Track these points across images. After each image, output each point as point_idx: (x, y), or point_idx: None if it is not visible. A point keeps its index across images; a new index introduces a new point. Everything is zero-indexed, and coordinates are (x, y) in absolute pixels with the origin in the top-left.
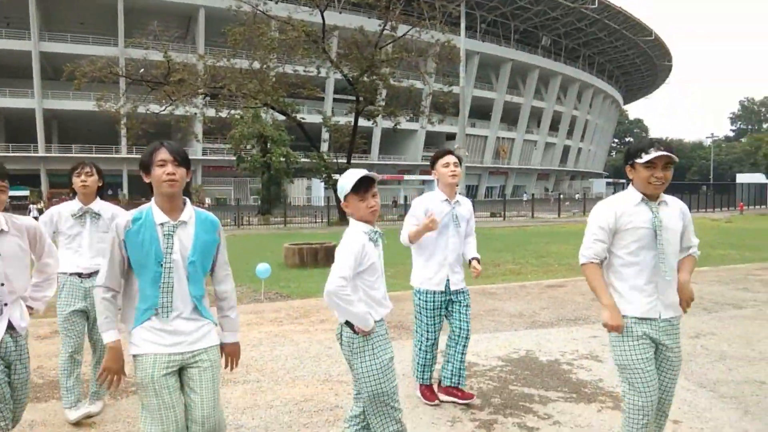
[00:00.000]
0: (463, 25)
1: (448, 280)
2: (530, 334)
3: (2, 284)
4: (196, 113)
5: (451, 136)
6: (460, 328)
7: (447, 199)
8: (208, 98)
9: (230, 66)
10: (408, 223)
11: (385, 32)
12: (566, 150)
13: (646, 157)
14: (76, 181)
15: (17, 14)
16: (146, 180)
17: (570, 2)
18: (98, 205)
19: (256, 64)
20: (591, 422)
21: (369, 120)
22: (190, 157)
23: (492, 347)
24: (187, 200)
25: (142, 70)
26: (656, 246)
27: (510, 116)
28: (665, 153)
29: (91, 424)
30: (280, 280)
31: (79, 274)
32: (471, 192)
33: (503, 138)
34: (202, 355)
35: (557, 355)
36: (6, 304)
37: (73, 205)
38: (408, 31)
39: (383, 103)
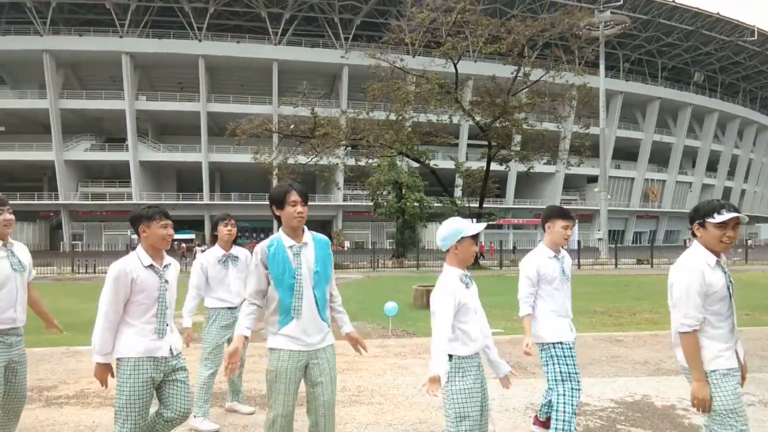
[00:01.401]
0: (602, 66)
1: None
2: (650, 381)
3: (167, 308)
4: (337, 163)
5: (592, 179)
6: None
7: (555, 255)
8: (348, 149)
9: (369, 119)
10: (524, 287)
11: (518, 79)
12: (727, 192)
13: (719, 218)
14: (223, 230)
15: (189, 79)
16: (277, 213)
17: (725, 36)
18: (236, 250)
19: (393, 116)
20: None
21: (501, 165)
22: (331, 203)
23: (607, 390)
24: (305, 227)
25: (292, 126)
26: (730, 304)
27: (659, 157)
28: (737, 213)
29: None
30: (407, 319)
31: (230, 308)
32: (617, 237)
33: (653, 180)
34: (321, 353)
35: (674, 401)
36: (168, 325)
37: (217, 252)
38: (541, 77)
39: (517, 148)
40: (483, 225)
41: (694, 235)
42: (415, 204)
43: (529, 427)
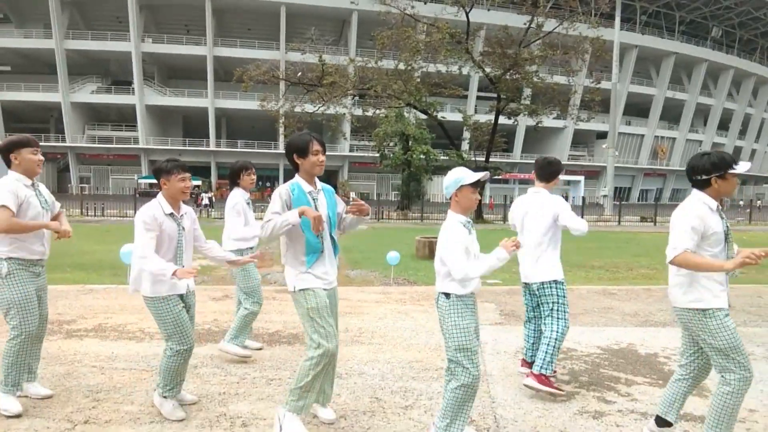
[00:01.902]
0: (618, 18)
1: None
2: (637, 331)
3: (184, 252)
4: (344, 113)
5: (601, 135)
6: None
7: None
8: (356, 98)
9: (377, 68)
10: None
11: (530, 30)
12: (737, 151)
13: (738, 169)
14: (247, 178)
15: (195, 23)
16: (297, 161)
17: None
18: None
19: (402, 66)
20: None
21: (510, 119)
22: (337, 153)
23: (595, 338)
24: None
25: (300, 73)
26: (726, 248)
27: (671, 114)
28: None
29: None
30: (409, 268)
31: (251, 248)
32: (622, 194)
33: (662, 137)
34: (333, 292)
35: (657, 350)
36: (184, 267)
37: (245, 194)
38: (555, 28)
39: (527, 101)
40: (482, 174)
41: (695, 185)
42: (422, 156)
43: (517, 368)
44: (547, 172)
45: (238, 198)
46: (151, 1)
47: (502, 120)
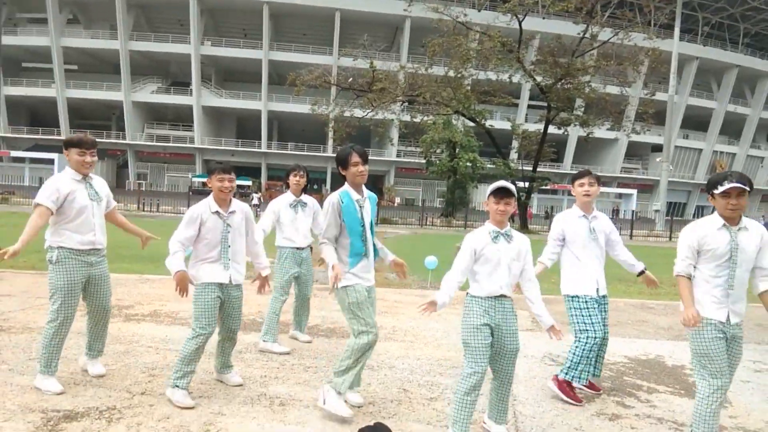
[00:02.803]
0: (677, 29)
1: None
2: (668, 345)
3: (230, 246)
4: (393, 119)
5: (657, 148)
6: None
7: (584, 215)
8: (405, 105)
9: (427, 75)
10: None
11: (584, 40)
12: None
13: (721, 189)
14: (293, 180)
15: (253, 27)
16: (342, 173)
17: None
18: (305, 197)
19: (452, 73)
20: (686, 410)
21: (560, 129)
22: (384, 158)
23: (624, 349)
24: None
25: (351, 79)
26: (729, 265)
27: (732, 128)
28: (737, 185)
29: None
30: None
31: (297, 248)
32: (677, 210)
33: (721, 152)
34: (372, 289)
35: (685, 362)
36: (230, 260)
37: (288, 197)
38: (609, 39)
39: (579, 112)
40: (499, 184)
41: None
42: (468, 164)
43: (543, 373)
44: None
45: (275, 203)
46: (211, 5)
47: (552, 130)
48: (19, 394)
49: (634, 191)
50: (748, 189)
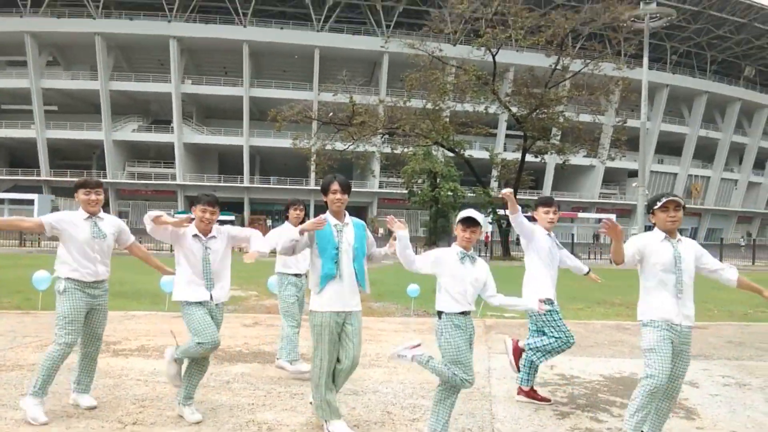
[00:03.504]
0: (645, 59)
1: None
2: (642, 363)
3: (210, 267)
4: (374, 151)
5: (633, 173)
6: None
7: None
8: (385, 137)
9: (406, 108)
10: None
11: (556, 71)
12: None
13: (659, 203)
14: (293, 213)
15: (233, 65)
16: (324, 199)
17: None
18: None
19: (429, 105)
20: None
21: (536, 157)
22: (367, 189)
23: (599, 368)
24: (346, 212)
25: (331, 113)
26: (675, 271)
27: (705, 153)
28: (673, 198)
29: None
30: (429, 301)
31: (296, 275)
32: None
33: (696, 176)
34: (353, 316)
35: None
36: (211, 281)
37: (289, 228)
38: (580, 70)
39: (556, 140)
40: (466, 213)
41: (652, 225)
42: (449, 193)
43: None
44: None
45: (277, 231)
46: (191, 45)
47: (530, 158)
48: (14, 428)
49: (613, 216)
50: (683, 203)
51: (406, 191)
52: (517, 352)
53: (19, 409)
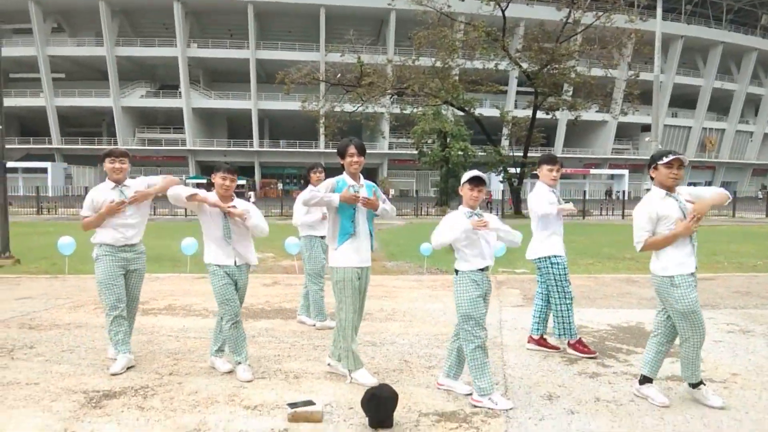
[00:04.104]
0: (659, 9)
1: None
2: (649, 312)
3: (231, 235)
4: (383, 112)
5: (646, 128)
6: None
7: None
8: (394, 97)
9: (414, 67)
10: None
11: (567, 25)
12: None
13: (666, 159)
14: (314, 176)
15: (238, 27)
16: (341, 162)
17: None
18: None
19: (438, 64)
20: (662, 368)
21: (548, 114)
22: (377, 151)
23: (607, 318)
24: (361, 174)
25: (339, 75)
26: None
27: (720, 105)
28: (679, 156)
29: None
30: (441, 259)
31: (321, 236)
32: None
33: (711, 129)
34: (366, 271)
35: None
36: (230, 245)
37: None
38: (592, 23)
39: (568, 96)
40: (472, 173)
41: (651, 178)
42: (460, 153)
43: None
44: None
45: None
46: (196, 7)
47: (541, 115)
48: (60, 380)
49: (626, 171)
50: (686, 164)
51: (416, 152)
52: (541, 343)
53: (62, 363)
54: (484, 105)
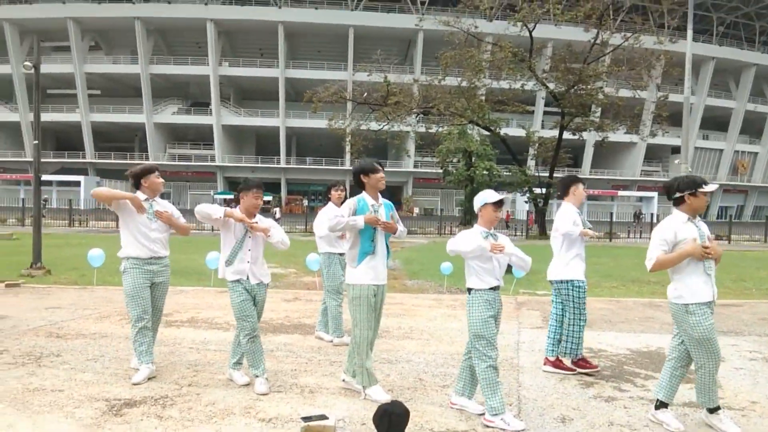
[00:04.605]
0: (689, 31)
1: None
2: (671, 338)
3: (250, 250)
4: (408, 131)
5: (676, 149)
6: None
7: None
8: (420, 116)
9: (440, 86)
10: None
11: (595, 46)
12: None
13: (706, 188)
14: (335, 194)
15: (269, 47)
16: (363, 180)
17: None
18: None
19: (465, 84)
20: (678, 392)
21: (575, 135)
22: (402, 169)
23: (627, 342)
24: (379, 194)
25: (366, 94)
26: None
27: (753, 128)
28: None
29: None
30: (462, 279)
31: (340, 254)
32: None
33: (743, 152)
34: (382, 289)
35: None
36: (248, 262)
37: (333, 209)
38: (620, 44)
39: (596, 117)
40: (501, 195)
41: (674, 204)
42: (485, 172)
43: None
44: (561, 187)
45: (328, 212)
46: (228, 27)
47: (568, 135)
48: (83, 388)
49: (655, 194)
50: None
51: (441, 170)
52: (558, 365)
53: (86, 371)
54: (510, 125)
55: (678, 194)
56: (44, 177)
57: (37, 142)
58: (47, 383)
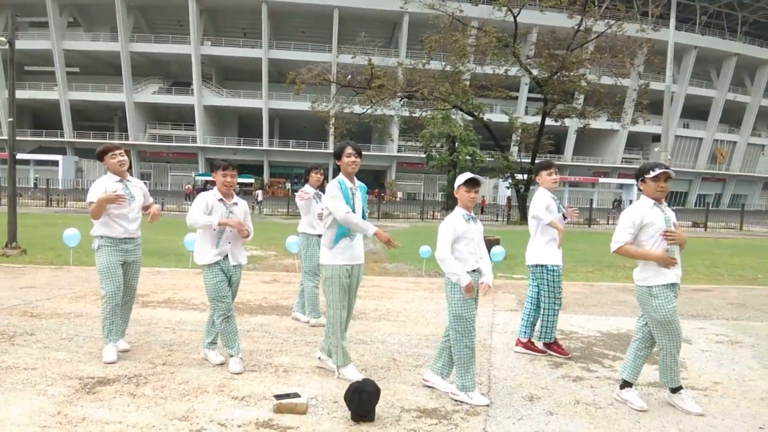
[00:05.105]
0: (672, 20)
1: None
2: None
3: (231, 231)
4: (392, 115)
5: (657, 138)
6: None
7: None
8: (404, 100)
9: (425, 71)
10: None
11: (579, 33)
12: None
13: (653, 173)
14: (314, 176)
15: (252, 26)
16: (338, 163)
17: None
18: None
19: (449, 68)
20: (642, 372)
21: (557, 121)
22: (385, 153)
23: (598, 325)
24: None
25: (350, 76)
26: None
27: (732, 117)
28: (666, 170)
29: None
30: None
31: (318, 235)
32: (679, 199)
33: (722, 141)
34: (358, 268)
35: None
36: (229, 242)
37: (311, 191)
38: (604, 32)
39: (578, 104)
40: (468, 175)
41: (639, 190)
42: (468, 158)
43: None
44: (535, 172)
45: (302, 193)
46: (210, 5)
47: (551, 122)
48: (57, 366)
49: (635, 181)
50: (672, 176)
51: (424, 155)
52: (529, 346)
53: (60, 350)
54: (493, 110)
55: (637, 183)
56: (22, 156)
57: (12, 119)
58: (20, 361)
